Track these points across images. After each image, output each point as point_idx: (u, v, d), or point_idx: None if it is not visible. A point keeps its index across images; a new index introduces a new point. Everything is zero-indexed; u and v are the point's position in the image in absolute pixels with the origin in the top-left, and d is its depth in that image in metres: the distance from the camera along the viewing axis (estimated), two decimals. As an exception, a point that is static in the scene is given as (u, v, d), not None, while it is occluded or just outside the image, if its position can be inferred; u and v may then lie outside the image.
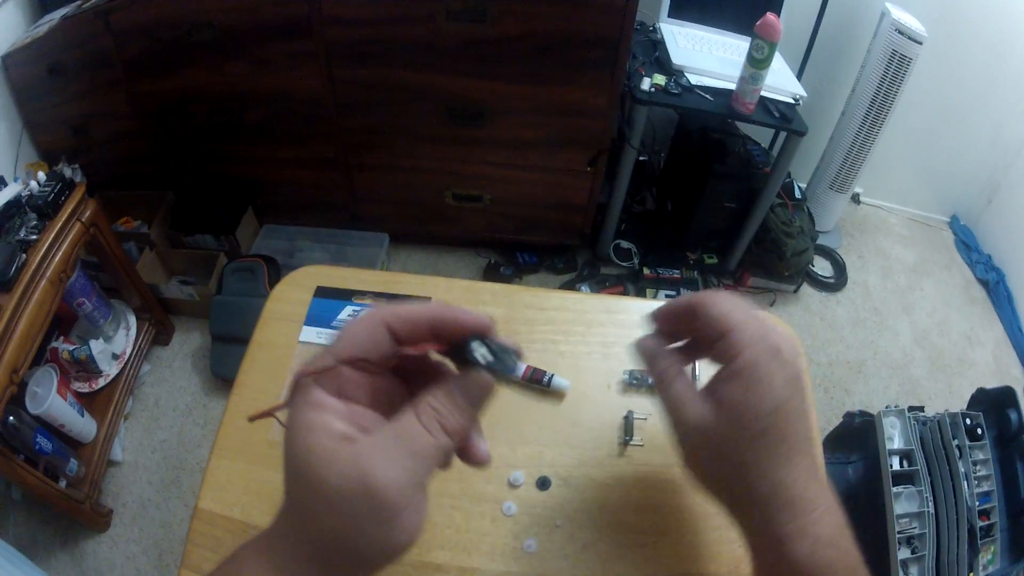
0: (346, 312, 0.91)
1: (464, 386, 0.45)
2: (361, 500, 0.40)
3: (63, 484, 1.94)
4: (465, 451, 0.48)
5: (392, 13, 2.14)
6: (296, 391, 0.45)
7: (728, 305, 0.55)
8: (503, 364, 0.45)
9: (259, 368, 0.87)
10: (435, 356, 0.49)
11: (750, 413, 0.52)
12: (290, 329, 0.90)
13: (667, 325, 0.62)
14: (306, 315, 0.91)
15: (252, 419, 0.48)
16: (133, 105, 2.48)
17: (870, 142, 2.80)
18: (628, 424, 0.81)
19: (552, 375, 0.83)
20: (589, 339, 0.90)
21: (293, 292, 0.94)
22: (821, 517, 0.52)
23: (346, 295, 0.93)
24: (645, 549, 0.72)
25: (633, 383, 0.85)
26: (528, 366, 0.85)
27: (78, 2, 2.32)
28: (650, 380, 0.78)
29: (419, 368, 0.50)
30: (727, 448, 0.54)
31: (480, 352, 0.45)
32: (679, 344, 0.63)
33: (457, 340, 0.46)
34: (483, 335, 0.46)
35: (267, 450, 0.80)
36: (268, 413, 0.48)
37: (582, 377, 0.86)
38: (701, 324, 0.56)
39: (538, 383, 0.83)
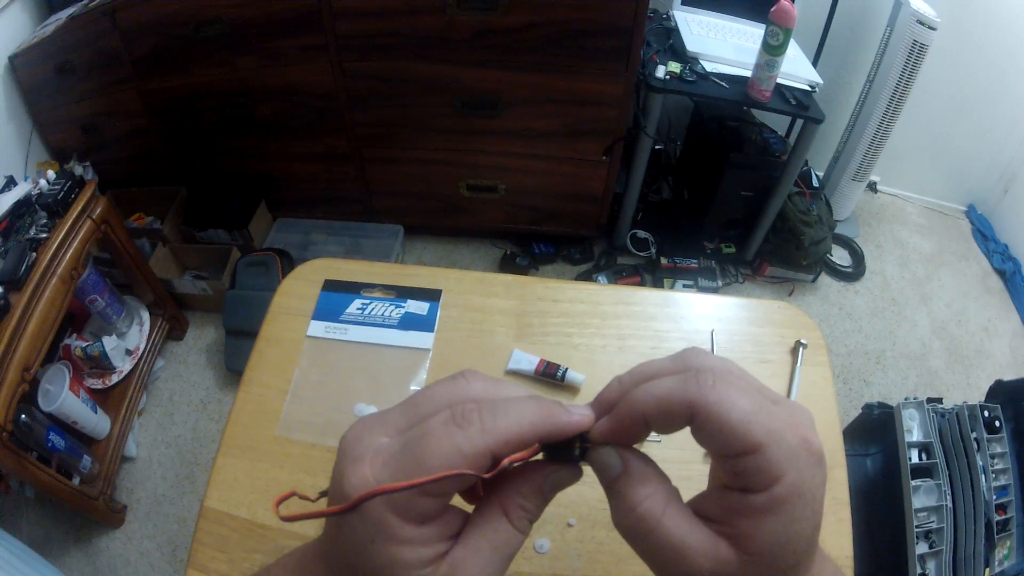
0: (355, 306, 0.90)
1: (555, 481, 0.41)
2: None
3: (76, 481, 1.95)
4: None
5: (402, 4, 2.12)
6: (363, 511, 0.37)
7: (745, 404, 0.36)
8: (587, 456, 0.42)
9: (267, 364, 0.86)
10: None
11: (790, 549, 0.37)
12: (298, 324, 0.89)
13: (633, 424, 0.40)
14: (314, 309, 0.90)
15: (286, 519, 0.42)
16: (143, 103, 2.48)
17: (887, 130, 2.77)
18: (644, 419, 0.79)
19: (566, 369, 0.81)
20: (604, 331, 0.88)
21: (301, 286, 0.93)
22: None
23: (355, 288, 0.91)
24: (661, 548, 0.70)
25: (650, 376, 0.83)
26: (541, 360, 0.83)
27: (84, 1, 2.32)
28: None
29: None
30: None
31: (577, 450, 0.41)
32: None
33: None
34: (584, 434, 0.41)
35: (274, 447, 0.79)
36: (314, 516, 0.39)
37: (597, 370, 0.84)
38: (705, 435, 0.38)
39: (551, 377, 0.82)
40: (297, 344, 0.87)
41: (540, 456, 0.41)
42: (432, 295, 0.90)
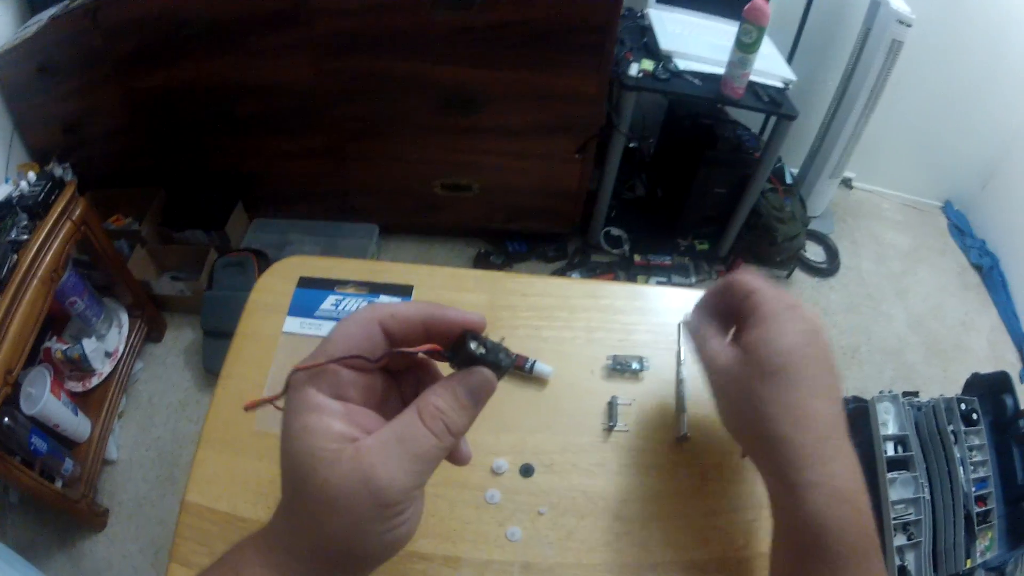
0: (329, 302, 0.91)
1: (467, 384, 0.45)
2: (364, 501, 0.41)
3: (59, 484, 1.95)
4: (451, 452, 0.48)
5: (380, 2, 2.14)
6: (291, 389, 0.45)
7: (754, 277, 0.63)
8: (499, 359, 0.45)
9: (244, 359, 0.87)
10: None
11: (765, 351, 0.58)
12: (274, 319, 0.90)
13: (708, 304, 0.69)
14: (289, 305, 0.91)
15: (248, 408, 0.49)
16: (124, 101, 2.48)
17: (862, 126, 2.80)
18: (612, 410, 0.80)
19: (535, 361, 0.83)
20: (573, 324, 0.89)
21: (277, 283, 0.94)
22: (839, 471, 0.53)
23: (329, 285, 0.93)
24: (631, 536, 0.72)
25: (617, 368, 0.84)
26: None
27: (66, 2, 2.32)
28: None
29: (408, 364, 0.50)
30: (747, 385, 0.58)
31: (478, 349, 0.45)
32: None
33: (453, 339, 0.46)
34: (476, 332, 0.46)
35: (253, 441, 0.79)
36: (265, 402, 0.49)
37: (565, 363, 0.85)
38: (731, 294, 0.64)
39: (520, 369, 0.83)
40: (274, 339, 0.88)
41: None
42: (404, 291, 0.92)
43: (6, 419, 1.75)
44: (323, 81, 2.36)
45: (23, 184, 1.91)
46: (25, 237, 1.82)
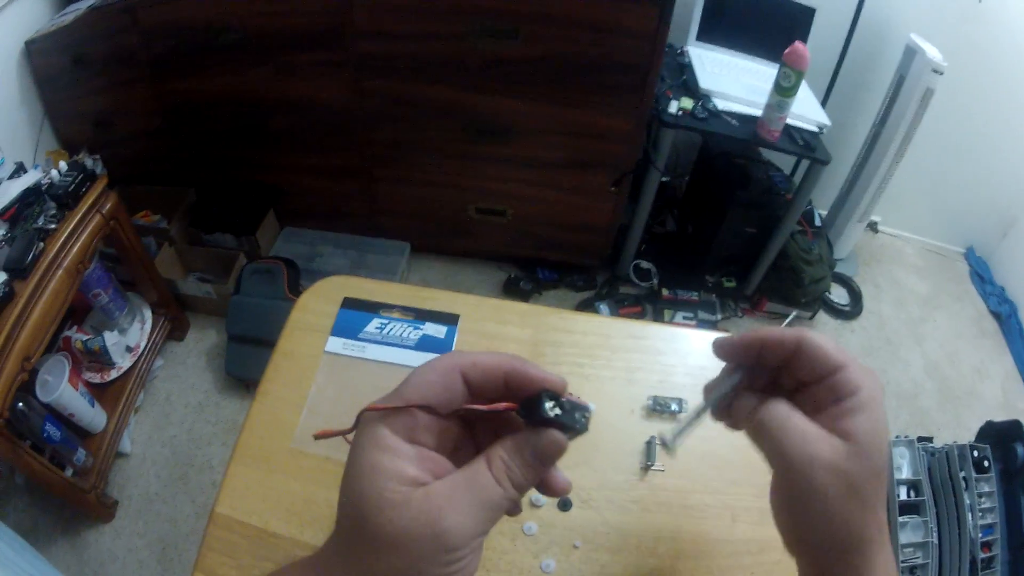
0: (373, 325, 0.91)
1: (536, 444, 0.45)
2: (427, 545, 0.41)
3: (69, 473, 1.95)
4: (545, 483, 0.48)
5: (427, 30, 2.15)
6: (362, 425, 0.45)
7: (833, 343, 0.54)
8: (574, 421, 0.45)
9: (283, 377, 0.88)
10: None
11: (877, 447, 0.50)
12: (315, 339, 0.91)
13: (749, 357, 0.58)
14: (332, 326, 0.91)
15: (318, 437, 0.49)
16: (156, 103, 2.49)
17: (892, 171, 2.80)
18: (650, 449, 0.82)
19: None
20: (614, 363, 0.90)
21: (318, 303, 0.95)
22: (889, 555, 0.54)
23: (373, 308, 0.93)
24: (661, 572, 0.73)
25: (656, 409, 0.85)
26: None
27: (106, -7, 2.33)
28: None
29: (485, 414, 0.50)
30: (859, 482, 0.50)
31: (553, 410, 0.44)
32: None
33: (529, 396, 0.46)
34: (556, 393, 0.45)
35: (288, 459, 0.80)
36: (335, 434, 0.48)
37: (606, 401, 0.86)
38: (805, 360, 0.54)
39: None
40: (314, 359, 0.89)
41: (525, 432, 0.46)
42: (450, 319, 0.92)
43: (20, 404, 1.75)
44: (358, 101, 2.36)
45: (53, 173, 1.91)
46: (53, 226, 1.82)
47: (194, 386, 2.49)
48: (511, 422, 0.48)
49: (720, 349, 0.60)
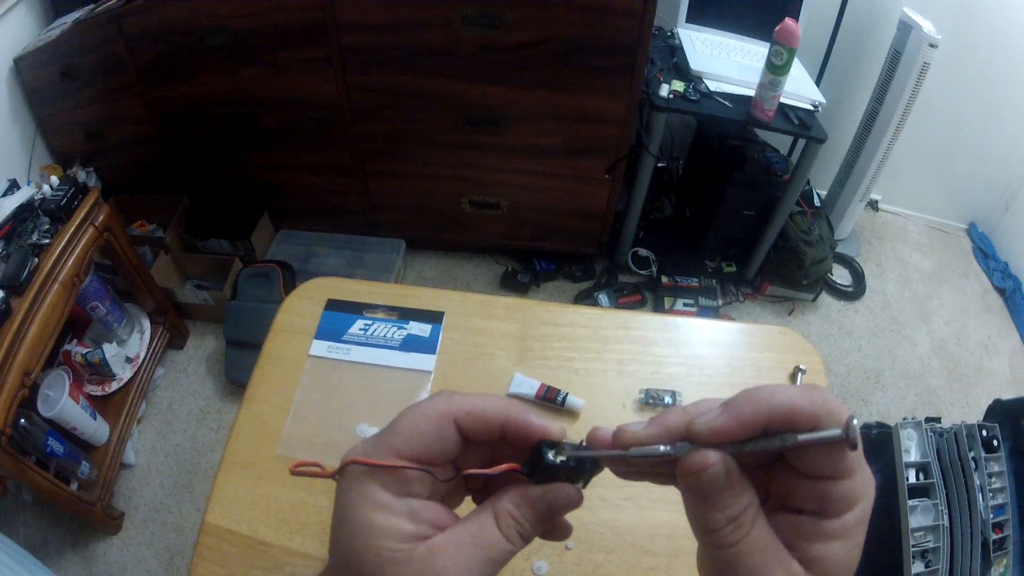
0: (357, 326, 0.90)
1: (549, 501, 0.43)
2: None
3: (74, 487, 1.95)
4: (550, 530, 0.45)
5: (408, 19, 2.13)
6: (349, 479, 0.43)
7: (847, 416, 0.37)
8: (583, 468, 0.43)
9: (269, 381, 0.87)
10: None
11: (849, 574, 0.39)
12: (300, 342, 0.90)
13: (756, 420, 0.38)
14: (316, 329, 0.90)
15: (293, 472, 0.46)
16: (147, 110, 2.49)
17: (891, 148, 2.77)
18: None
19: (566, 394, 0.82)
20: (605, 356, 0.88)
21: (304, 304, 0.94)
22: None
23: (357, 309, 0.92)
24: (657, 572, 0.72)
25: (649, 402, 0.83)
26: (542, 384, 0.83)
27: (90, 6, 2.33)
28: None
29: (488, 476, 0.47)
30: None
31: (557, 457, 0.42)
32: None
33: (530, 450, 0.43)
34: (555, 442, 0.43)
35: (275, 464, 0.80)
36: (313, 474, 0.45)
37: (597, 395, 0.84)
38: (816, 452, 0.37)
39: (552, 401, 0.82)
40: (299, 362, 0.88)
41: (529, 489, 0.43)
42: (434, 317, 0.91)
43: (22, 420, 1.74)
44: (348, 96, 2.35)
45: (46, 188, 1.91)
46: (47, 241, 1.82)
47: (195, 394, 2.48)
48: (506, 455, 0.45)
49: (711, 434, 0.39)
